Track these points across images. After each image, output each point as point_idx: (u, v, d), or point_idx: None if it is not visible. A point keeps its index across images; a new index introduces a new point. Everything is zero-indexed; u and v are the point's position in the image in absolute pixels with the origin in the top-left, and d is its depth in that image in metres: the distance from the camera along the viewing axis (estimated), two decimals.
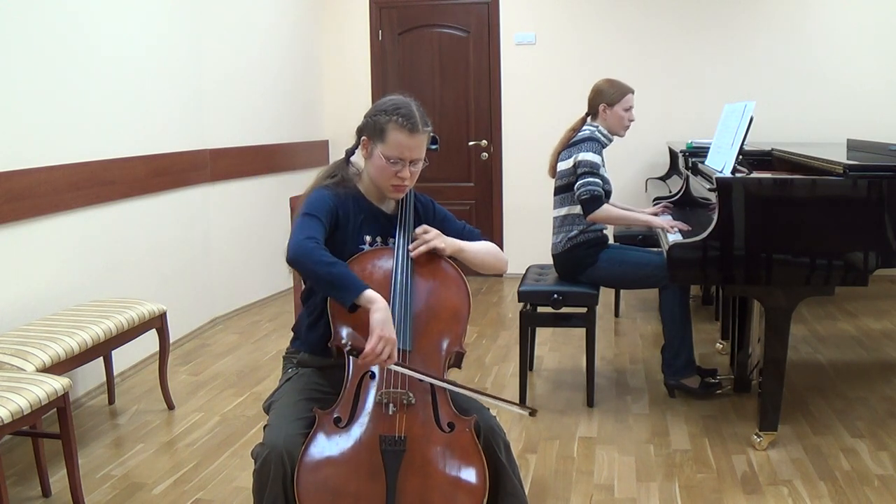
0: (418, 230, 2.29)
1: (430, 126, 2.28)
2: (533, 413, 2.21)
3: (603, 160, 3.84)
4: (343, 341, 2.09)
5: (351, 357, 2.08)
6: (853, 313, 5.30)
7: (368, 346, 1.97)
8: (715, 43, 6.31)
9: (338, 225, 2.25)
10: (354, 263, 2.23)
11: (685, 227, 3.62)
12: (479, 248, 2.39)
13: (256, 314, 5.53)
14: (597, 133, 3.84)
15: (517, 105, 6.60)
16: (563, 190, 3.84)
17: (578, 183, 3.71)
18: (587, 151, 3.74)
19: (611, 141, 3.90)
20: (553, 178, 3.92)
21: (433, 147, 2.43)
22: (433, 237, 2.28)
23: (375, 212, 2.33)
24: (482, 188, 6.77)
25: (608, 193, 3.82)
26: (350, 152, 2.39)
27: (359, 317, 2.13)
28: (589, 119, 3.93)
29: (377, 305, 2.01)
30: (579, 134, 3.85)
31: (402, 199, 2.35)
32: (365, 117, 2.30)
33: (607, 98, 3.84)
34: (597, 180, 3.70)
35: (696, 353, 3.85)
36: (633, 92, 3.87)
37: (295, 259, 2.06)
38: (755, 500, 2.82)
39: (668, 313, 3.75)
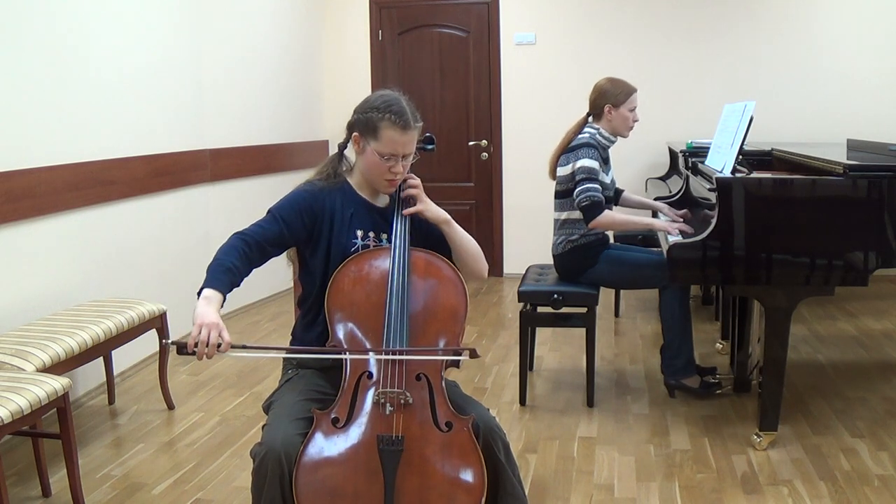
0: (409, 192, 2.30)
1: (421, 121, 2.29)
2: (474, 355, 2.13)
3: (606, 162, 3.82)
4: (165, 341, 2.08)
5: (182, 354, 2.00)
6: (853, 313, 5.30)
7: (191, 336, 1.96)
8: (715, 43, 6.31)
9: (316, 220, 2.26)
10: (352, 263, 2.23)
11: (688, 228, 3.60)
12: (466, 235, 2.38)
13: (256, 314, 5.54)
14: (597, 136, 3.80)
15: (517, 105, 6.60)
16: (562, 195, 3.82)
17: (577, 190, 3.68)
18: (584, 158, 3.69)
19: (613, 142, 3.87)
20: (553, 180, 3.90)
21: (430, 147, 2.43)
22: (419, 191, 2.30)
23: (368, 206, 2.34)
24: (482, 188, 6.77)
25: (608, 199, 3.79)
26: (342, 147, 2.40)
27: (356, 317, 2.15)
28: (591, 120, 3.89)
29: (199, 301, 2.02)
30: (577, 139, 3.79)
31: (398, 189, 2.35)
32: (355, 113, 2.31)
33: (612, 99, 3.78)
34: (596, 186, 3.67)
35: (696, 353, 3.85)
36: (636, 91, 3.83)
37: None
38: (755, 500, 2.82)
39: (668, 313, 3.74)
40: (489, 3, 6.58)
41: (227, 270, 2.09)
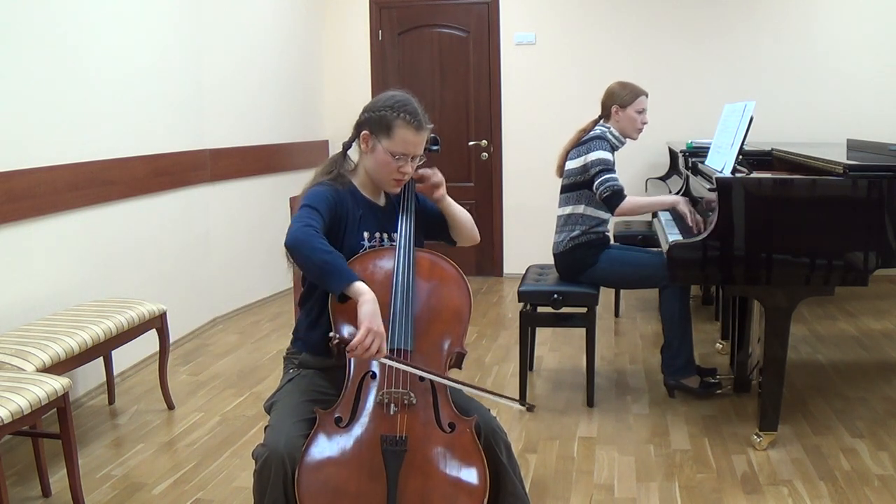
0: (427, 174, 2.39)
1: (431, 123, 2.31)
2: (531, 408, 2.19)
3: (614, 162, 3.83)
4: (331, 334, 2.08)
5: (342, 352, 2.03)
6: (853, 313, 5.30)
7: (356, 339, 1.95)
8: (715, 43, 6.32)
9: (337, 220, 2.25)
10: (356, 263, 2.22)
11: (697, 224, 3.58)
12: (464, 211, 2.51)
13: (256, 314, 5.53)
14: (607, 133, 3.83)
15: (517, 105, 6.60)
16: (570, 189, 3.84)
17: (596, 182, 3.70)
18: (597, 150, 3.74)
19: (623, 143, 3.89)
20: (561, 177, 3.91)
21: (434, 148, 2.44)
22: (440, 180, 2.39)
23: (373, 207, 2.34)
24: (482, 188, 6.77)
25: None
26: (347, 146, 2.39)
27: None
28: (602, 121, 3.92)
29: (365, 297, 1.99)
30: (589, 133, 3.85)
31: (404, 189, 2.36)
32: (365, 111, 2.30)
33: (619, 100, 3.83)
34: (614, 175, 3.70)
35: (696, 353, 3.85)
36: (646, 95, 3.87)
37: (294, 244, 2.04)
38: (755, 500, 2.82)
39: (668, 313, 3.75)
40: (489, 3, 6.58)
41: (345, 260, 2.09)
